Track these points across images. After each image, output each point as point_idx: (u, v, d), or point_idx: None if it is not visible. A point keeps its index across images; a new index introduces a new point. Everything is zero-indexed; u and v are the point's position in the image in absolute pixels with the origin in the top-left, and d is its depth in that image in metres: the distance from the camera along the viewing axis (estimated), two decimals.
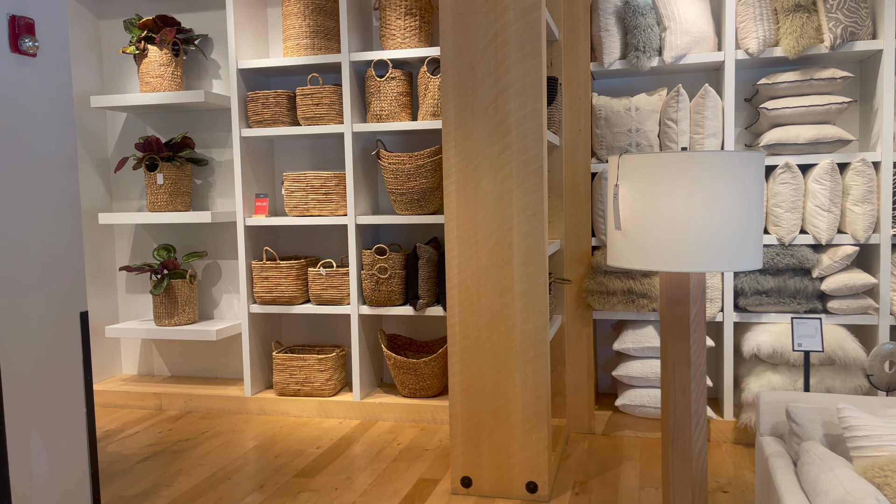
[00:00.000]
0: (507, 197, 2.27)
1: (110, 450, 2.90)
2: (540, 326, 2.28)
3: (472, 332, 2.33)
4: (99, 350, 3.61)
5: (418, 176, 3.06)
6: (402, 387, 3.22)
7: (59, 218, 1.90)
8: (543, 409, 2.30)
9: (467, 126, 2.29)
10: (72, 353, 1.93)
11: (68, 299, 1.92)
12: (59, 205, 1.89)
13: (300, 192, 3.20)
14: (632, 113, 2.82)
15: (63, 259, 1.90)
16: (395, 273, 3.13)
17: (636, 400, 2.84)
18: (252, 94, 3.22)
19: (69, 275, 1.92)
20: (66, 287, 1.91)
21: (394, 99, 3.10)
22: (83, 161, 3.51)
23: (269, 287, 3.25)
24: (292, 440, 2.95)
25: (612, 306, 2.84)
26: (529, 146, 2.24)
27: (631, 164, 1.47)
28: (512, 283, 2.28)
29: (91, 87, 3.56)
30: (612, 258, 1.55)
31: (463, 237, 2.31)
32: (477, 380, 2.34)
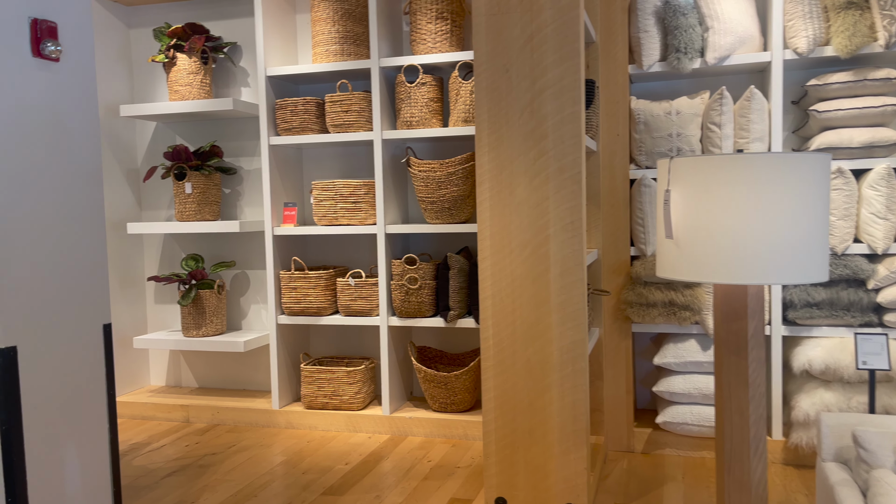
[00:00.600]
0: (543, 205, 2.17)
1: (136, 463, 2.85)
2: (578, 341, 2.17)
3: (507, 346, 2.23)
4: (127, 361, 3.58)
5: (449, 184, 2.97)
6: (432, 401, 3.12)
7: (83, 228, 1.84)
8: (582, 427, 2.18)
9: (501, 131, 2.19)
10: (95, 367, 1.87)
11: (91, 311, 1.86)
12: (82, 215, 1.84)
13: (329, 200, 3.13)
14: (672, 117, 2.70)
15: (86, 270, 1.85)
16: (426, 283, 3.04)
17: (678, 417, 2.71)
18: (280, 102, 3.17)
19: (92, 286, 1.86)
20: (90, 299, 1.85)
21: (424, 105, 3.02)
22: (113, 170, 3.49)
23: (297, 298, 3.18)
24: (320, 455, 2.87)
25: (652, 319, 2.71)
26: (567, 151, 2.14)
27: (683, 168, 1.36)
28: (548, 295, 2.18)
29: (121, 96, 3.55)
30: (663, 269, 1.44)
31: (496, 247, 2.22)
32: (512, 396, 2.23)
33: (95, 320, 1.88)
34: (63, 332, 1.78)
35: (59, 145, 1.77)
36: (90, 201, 1.87)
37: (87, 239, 1.86)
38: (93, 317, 1.87)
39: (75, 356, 1.82)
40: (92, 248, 1.87)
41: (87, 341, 1.85)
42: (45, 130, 1.73)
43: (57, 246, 1.77)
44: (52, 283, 1.75)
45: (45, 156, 1.73)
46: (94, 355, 1.87)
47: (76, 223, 1.83)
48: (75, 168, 1.82)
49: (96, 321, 1.88)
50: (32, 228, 1.70)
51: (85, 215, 1.85)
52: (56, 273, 1.76)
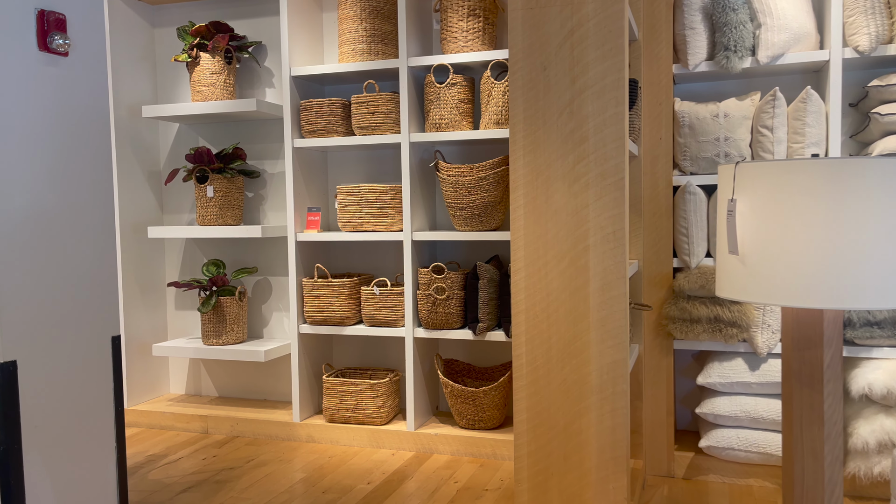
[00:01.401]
0: (582, 212, 2.01)
1: (152, 477, 2.74)
2: (619, 360, 2.00)
3: (541, 364, 2.07)
4: (146, 368, 3.49)
5: (480, 189, 2.83)
6: (459, 417, 2.97)
7: (92, 233, 1.73)
8: (622, 453, 2.01)
9: (538, 133, 2.04)
10: (102, 382, 1.76)
11: (99, 322, 1.75)
12: (91, 219, 1.73)
13: (354, 205, 3.01)
14: (720, 120, 2.52)
15: (95, 278, 1.73)
16: (454, 294, 2.89)
17: (723, 441, 2.52)
18: (305, 103, 3.06)
19: (101, 296, 1.75)
20: (98, 309, 1.74)
21: (454, 106, 2.88)
22: (135, 172, 3.41)
23: (320, 306, 3.06)
24: (342, 473, 2.74)
25: (696, 335, 2.53)
26: (609, 155, 1.98)
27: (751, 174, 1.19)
28: (587, 311, 2.02)
29: (144, 96, 3.47)
30: (724, 288, 1.27)
31: (531, 257, 2.06)
32: (546, 418, 2.07)
33: (103, 332, 1.76)
34: (68, 344, 1.67)
35: (67, 145, 1.66)
36: (100, 205, 1.76)
37: (96, 244, 1.74)
38: (101, 328, 1.75)
39: (81, 371, 1.70)
40: (101, 254, 1.76)
41: (94, 355, 1.74)
42: (52, 129, 1.62)
43: (63, 252, 1.65)
44: (57, 292, 1.64)
45: (52, 156, 1.62)
46: (101, 370, 1.76)
47: (85, 228, 1.72)
48: (84, 169, 1.71)
49: (104, 333, 1.76)
50: (36, 233, 1.59)
51: (95, 220, 1.74)
52: (62, 281, 1.65)
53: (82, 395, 1.70)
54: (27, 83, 1.55)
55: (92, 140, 1.72)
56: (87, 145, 1.71)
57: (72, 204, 1.68)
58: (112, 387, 1.79)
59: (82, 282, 1.70)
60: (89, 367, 1.72)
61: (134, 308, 3.40)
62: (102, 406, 1.76)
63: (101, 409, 1.76)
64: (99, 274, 1.74)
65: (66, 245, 1.66)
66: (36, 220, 1.59)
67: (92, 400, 1.73)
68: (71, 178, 1.67)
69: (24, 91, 1.54)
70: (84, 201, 1.71)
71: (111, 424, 1.78)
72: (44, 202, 1.60)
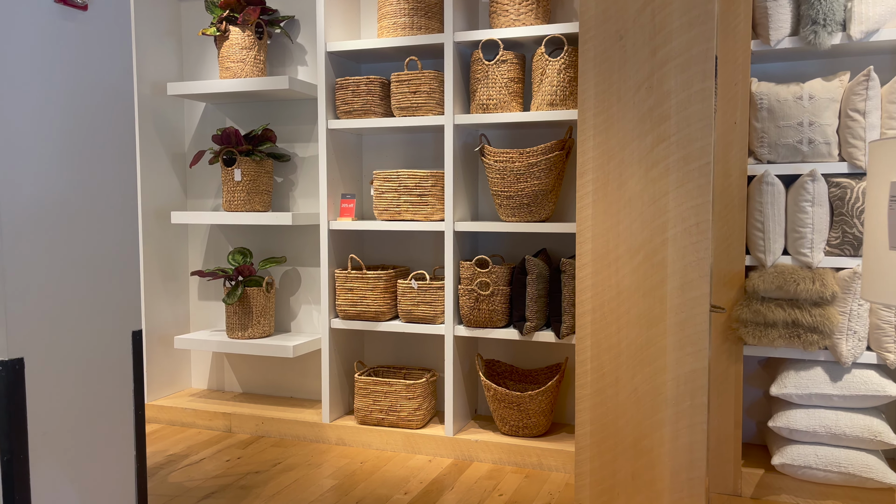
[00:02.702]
0: (660, 201, 1.77)
1: (172, 480, 2.55)
2: (699, 370, 1.77)
3: (609, 371, 1.84)
4: (168, 361, 3.31)
5: (530, 176, 2.60)
6: (501, 423, 2.75)
7: (111, 219, 1.53)
8: (699, 475, 1.79)
9: (611, 111, 1.81)
10: (120, 382, 1.56)
11: (119, 316, 1.55)
12: (111, 200, 1.52)
13: (391, 192, 2.79)
14: (804, 102, 2.27)
15: (114, 267, 1.53)
16: (499, 290, 2.67)
17: (799, 459, 2.28)
18: (341, 81, 2.84)
19: (121, 286, 1.55)
20: (117, 301, 1.54)
21: (503, 86, 2.65)
22: (158, 154, 3.22)
23: (353, 300, 2.85)
24: (375, 481, 2.53)
25: (770, 341, 2.29)
26: (694, 136, 1.74)
27: None
28: (664, 313, 1.79)
29: (169, 73, 3.27)
30: (878, 292, 1.04)
31: (600, 252, 1.83)
32: (613, 432, 1.85)
33: (123, 326, 1.56)
34: (83, 340, 1.47)
35: (85, 113, 1.45)
36: (121, 185, 1.55)
37: (116, 230, 1.54)
38: (120, 322, 1.55)
39: (97, 369, 1.50)
40: (122, 241, 1.56)
41: (112, 351, 1.54)
42: (69, 94, 1.41)
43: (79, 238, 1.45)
44: (72, 282, 1.44)
45: (68, 126, 1.42)
46: (119, 368, 1.56)
47: (104, 212, 1.51)
48: (105, 142, 1.50)
49: (124, 327, 1.56)
50: (49, 216, 1.39)
51: (115, 203, 1.54)
52: (76, 271, 1.45)
53: (98, 396, 1.51)
54: (40, 40, 1.34)
55: (114, 108, 1.52)
56: (109, 114, 1.51)
57: (89, 186, 1.47)
58: (132, 388, 1.59)
59: (100, 271, 1.50)
60: (106, 365, 1.52)
61: (155, 298, 3.21)
62: (121, 409, 1.56)
63: (120, 413, 1.56)
64: (119, 263, 1.54)
65: (83, 231, 1.46)
66: (48, 203, 1.38)
67: (109, 402, 1.53)
68: (89, 155, 1.47)
69: (36, 50, 1.33)
70: (103, 183, 1.50)
71: (130, 430, 1.58)
72: (57, 183, 1.40)
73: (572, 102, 2.58)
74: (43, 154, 1.36)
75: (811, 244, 2.26)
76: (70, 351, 1.44)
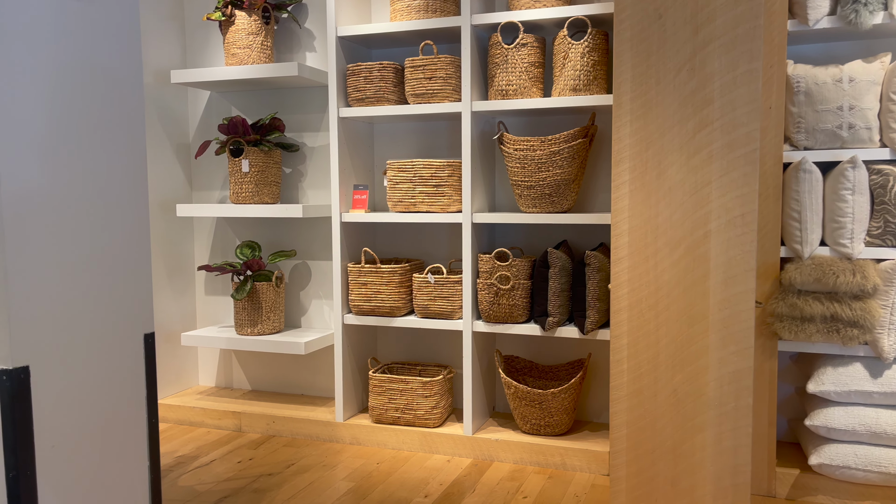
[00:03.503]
0: (703, 191, 1.67)
1: (183, 483, 2.46)
2: (744, 369, 1.67)
3: (647, 371, 1.74)
4: (174, 359, 3.21)
5: (552, 165, 2.49)
6: (522, 421, 2.65)
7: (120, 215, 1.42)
8: (744, 480, 1.69)
9: (649, 95, 1.70)
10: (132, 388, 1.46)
11: (130, 319, 1.44)
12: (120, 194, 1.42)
13: (406, 183, 2.68)
14: (843, 85, 2.16)
15: (124, 266, 1.43)
16: (519, 284, 2.56)
17: (838, 459, 2.18)
18: (353, 67, 2.72)
19: (132, 287, 1.44)
20: (128, 303, 1.44)
21: (524, 71, 2.53)
22: (162, 145, 3.10)
23: (367, 295, 2.74)
24: (394, 483, 2.44)
25: (808, 336, 2.19)
26: (739, 121, 1.63)
27: None
28: (706, 309, 1.68)
29: (172, 60, 3.15)
30: None
31: (637, 244, 1.73)
32: (651, 435, 1.75)
33: (135, 330, 1.46)
34: (92, 345, 1.37)
35: (92, 101, 1.34)
36: (131, 177, 1.45)
37: (125, 227, 1.43)
38: (131, 325, 1.45)
39: (107, 375, 1.40)
40: (132, 236, 1.45)
41: (123, 356, 1.44)
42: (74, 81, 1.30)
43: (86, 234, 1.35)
44: (79, 282, 1.34)
45: (74, 115, 1.31)
46: (131, 374, 1.45)
47: (113, 205, 1.41)
48: (113, 132, 1.39)
49: (136, 331, 1.46)
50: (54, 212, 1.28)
51: (124, 195, 1.43)
52: (85, 270, 1.34)
53: (109, 405, 1.40)
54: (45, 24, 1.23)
55: (123, 94, 1.41)
56: (117, 101, 1.40)
57: (96, 179, 1.36)
58: (145, 395, 1.49)
59: (109, 271, 1.39)
60: (117, 371, 1.42)
61: (161, 293, 3.11)
62: (133, 418, 1.46)
63: (133, 423, 1.45)
64: (129, 261, 1.43)
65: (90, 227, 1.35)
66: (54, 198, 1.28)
67: (121, 411, 1.43)
68: (97, 141, 1.36)
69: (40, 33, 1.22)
70: (112, 175, 1.40)
71: (144, 441, 1.48)
72: (62, 177, 1.29)
73: (596, 87, 2.47)
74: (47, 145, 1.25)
75: (851, 234, 2.16)
76: (79, 357, 1.34)
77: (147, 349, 1.49)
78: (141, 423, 1.48)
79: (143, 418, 1.48)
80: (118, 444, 1.43)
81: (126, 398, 1.45)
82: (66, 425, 1.32)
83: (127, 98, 1.43)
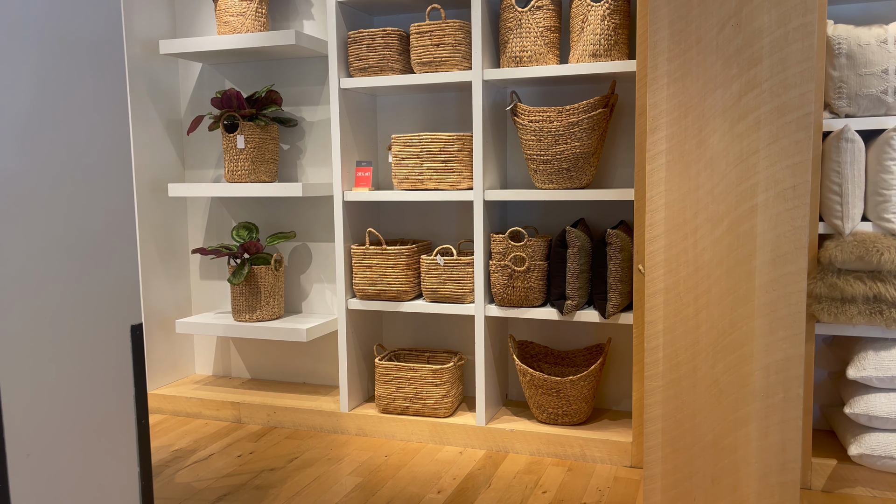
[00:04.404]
0: (749, 160, 1.51)
1: (180, 480, 2.31)
2: (793, 357, 1.52)
3: (685, 360, 1.59)
4: (169, 346, 3.05)
5: (570, 137, 2.32)
6: (538, 410, 2.51)
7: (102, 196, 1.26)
8: (793, 478, 1.55)
9: (689, 55, 1.53)
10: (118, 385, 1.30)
11: (114, 309, 1.28)
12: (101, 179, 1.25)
13: (412, 159, 2.51)
14: (889, 47, 1.99)
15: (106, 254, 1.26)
16: (535, 265, 2.41)
17: (879, 448, 2.04)
18: (354, 34, 2.54)
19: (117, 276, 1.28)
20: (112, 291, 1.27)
21: (539, 35, 2.35)
22: (152, 121, 2.92)
23: (372, 278, 2.58)
24: (404, 477, 2.29)
25: (848, 318, 2.03)
26: (791, 82, 1.47)
27: None
28: (751, 291, 1.53)
29: (161, 29, 2.96)
30: None
31: (674, 220, 1.57)
32: (689, 429, 1.60)
33: (120, 321, 1.30)
34: (71, 340, 1.21)
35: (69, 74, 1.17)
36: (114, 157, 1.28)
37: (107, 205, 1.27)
38: (117, 317, 1.29)
39: (89, 373, 1.24)
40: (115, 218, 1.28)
41: (108, 351, 1.28)
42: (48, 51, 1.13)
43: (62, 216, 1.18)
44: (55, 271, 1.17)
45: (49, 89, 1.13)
46: (117, 370, 1.30)
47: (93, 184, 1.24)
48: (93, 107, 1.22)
49: (122, 322, 1.30)
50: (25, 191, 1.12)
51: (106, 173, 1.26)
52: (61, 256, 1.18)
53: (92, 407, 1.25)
54: None
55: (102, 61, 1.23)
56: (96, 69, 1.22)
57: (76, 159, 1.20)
58: (133, 393, 1.33)
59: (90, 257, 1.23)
60: (101, 367, 1.26)
61: (153, 278, 2.95)
62: (120, 420, 1.30)
63: (119, 425, 1.30)
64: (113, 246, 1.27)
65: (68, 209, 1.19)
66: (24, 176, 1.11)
67: (106, 413, 1.27)
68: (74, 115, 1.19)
69: None
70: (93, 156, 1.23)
71: (133, 443, 1.32)
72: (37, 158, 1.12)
73: (617, 53, 2.29)
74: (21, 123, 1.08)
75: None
76: (56, 354, 1.18)
77: (134, 342, 1.33)
78: (129, 424, 1.32)
79: (132, 419, 1.33)
80: (104, 450, 1.28)
81: (112, 398, 1.29)
82: (43, 431, 1.16)
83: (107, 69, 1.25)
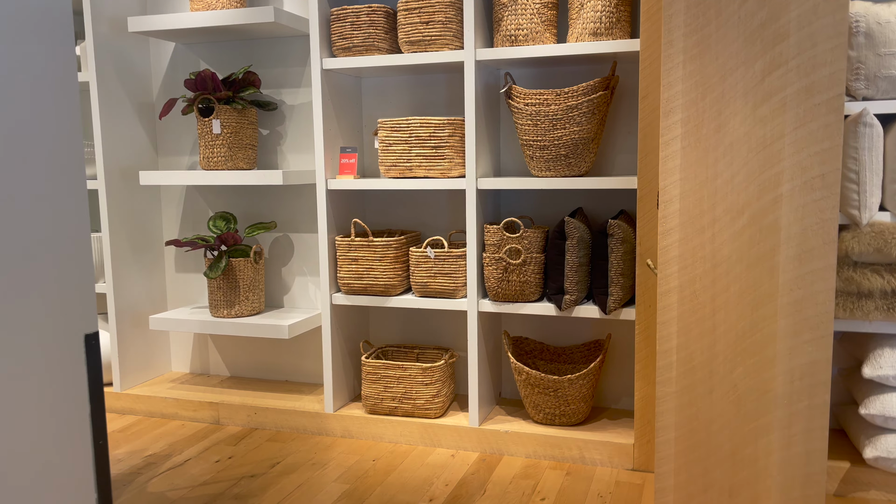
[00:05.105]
0: (773, 146, 1.37)
1: (153, 489, 2.16)
2: (820, 361, 1.40)
3: (700, 363, 1.46)
4: (144, 343, 2.89)
5: (568, 122, 2.18)
6: (534, 410, 2.38)
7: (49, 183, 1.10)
8: (817, 492, 1.43)
9: (708, 30, 1.39)
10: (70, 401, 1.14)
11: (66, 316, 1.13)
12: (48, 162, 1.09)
13: (400, 145, 2.35)
14: None
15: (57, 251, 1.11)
16: (532, 258, 2.27)
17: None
18: (338, 11, 2.37)
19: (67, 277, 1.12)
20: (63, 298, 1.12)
21: (536, 13, 2.20)
22: (121, 105, 2.73)
23: (358, 272, 2.43)
24: (393, 483, 2.16)
25: (865, 314, 1.92)
26: (820, 60, 1.33)
27: None
28: (774, 289, 1.40)
29: (129, 6, 2.76)
30: None
31: (690, 212, 1.43)
32: (704, 438, 1.48)
33: (73, 330, 1.14)
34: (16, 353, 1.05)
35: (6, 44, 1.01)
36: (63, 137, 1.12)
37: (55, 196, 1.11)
38: (68, 325, 1.13)
39: (36, 389, 1.09)
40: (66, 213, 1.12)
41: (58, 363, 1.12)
42: None
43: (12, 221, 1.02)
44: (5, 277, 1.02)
45: None
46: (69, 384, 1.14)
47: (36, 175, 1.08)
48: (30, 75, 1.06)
49: (74, 331, 1.14)
50: None
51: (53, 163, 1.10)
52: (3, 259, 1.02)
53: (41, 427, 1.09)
54: None
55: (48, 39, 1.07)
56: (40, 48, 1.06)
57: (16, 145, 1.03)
58: (88, 410, 1.17)
59: (33, 259, 1.07)
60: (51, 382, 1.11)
61: (125, 272, 2.77)
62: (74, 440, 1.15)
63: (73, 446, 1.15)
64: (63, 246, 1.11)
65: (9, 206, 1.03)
66: None
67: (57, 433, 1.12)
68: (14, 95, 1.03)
69: None
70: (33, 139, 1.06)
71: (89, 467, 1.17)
72: None
73: (619, 31, 2.15)
74: None
75: None
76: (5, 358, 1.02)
77: (89, 353, 1.17)
78: (85, 447, 1.17)
79: (88, 441, 1.17)
80: (55, 477, 1.12)
81: (63, 417, 1.13)
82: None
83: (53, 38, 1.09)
